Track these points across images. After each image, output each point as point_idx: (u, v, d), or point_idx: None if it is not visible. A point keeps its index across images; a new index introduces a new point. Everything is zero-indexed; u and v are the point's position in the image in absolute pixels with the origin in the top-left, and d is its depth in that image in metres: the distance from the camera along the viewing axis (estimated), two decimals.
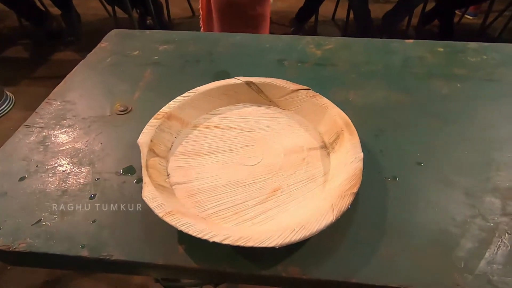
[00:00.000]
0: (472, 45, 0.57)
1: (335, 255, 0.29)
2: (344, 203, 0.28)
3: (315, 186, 0.33)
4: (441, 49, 0.56)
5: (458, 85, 0.48)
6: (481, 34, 1.88)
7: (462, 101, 0.46)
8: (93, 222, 0.31)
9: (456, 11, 1.99)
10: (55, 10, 1.99)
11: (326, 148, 0.38)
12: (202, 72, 0.51)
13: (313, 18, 1.98)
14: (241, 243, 0.25)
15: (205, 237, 0.25)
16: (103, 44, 0.58)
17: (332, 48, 0.57)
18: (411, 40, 0.58)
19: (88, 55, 0.55)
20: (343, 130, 0.36)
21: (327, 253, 0.29)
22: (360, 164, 0.32)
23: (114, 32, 0.62)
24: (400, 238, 0.30)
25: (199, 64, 0.53)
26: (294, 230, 0.26)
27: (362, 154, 0.33)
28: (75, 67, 0.52)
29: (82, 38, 1.95)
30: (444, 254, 0.29)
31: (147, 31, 0.62)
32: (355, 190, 0.30)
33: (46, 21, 1.95)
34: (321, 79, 0.50)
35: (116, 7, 1.91)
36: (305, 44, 0.58)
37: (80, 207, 0.32)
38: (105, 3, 2.01)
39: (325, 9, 2.18)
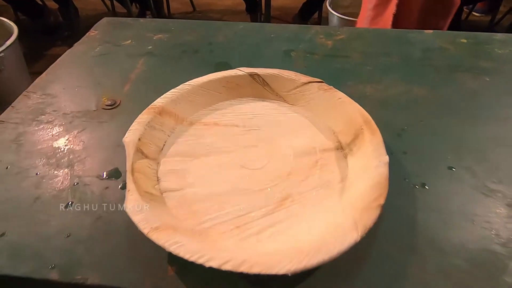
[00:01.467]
0: (499, 36, 0.52)
1: (357, 278, 0.24)
2: (370, 218, 0.23)
3: (331, 194, 0.28)
4: (464, 40, 0.51)
5: (487, 79, 0.43)
6: (489, 32, 1.82)
7: (493, 96, 0.40)
8: (68, 236, 0.26)
9: (464, 8, 1.93)
10: (52, 4, 1.94)
11: (342, 149, 0.32)
12: (200, 63, 0.46)
13: (316, 15, 1.92)
14: (244, 269, 0.20)
15: (199, 261, 0.20)
16: (92, 32, 0.53)
17: (344, 39, 0.52)
18: (430, 31, 0.53)
19: (75, 44, 0.50)
20: (363, 128, 0.31)
21: (347, 275, 0.24)
22: (385, 170, 0.27)
23: (105, 20, 0.57)
24: (434, 257, 0.25)
25: (197, 55, 0.48)
26: (310, 253, 0.21)
27: (387, 158, 0.28)
28: (60, 57, 0.47)
29: (80, 33, 1.89)
30: (489, 278, 0.24)
31: (141, 19, 0.57)
32: (381, 201, 0.25)
33: (43, 15, 1.90)
34: (333, 72, 0.45)
35: (114, 2, 1.86)
36: (314, 34, 0.53)
37: (53, 217, 0.27)
38: None
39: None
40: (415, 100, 0.40)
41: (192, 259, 0.21)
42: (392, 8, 0.65)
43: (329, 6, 1.47)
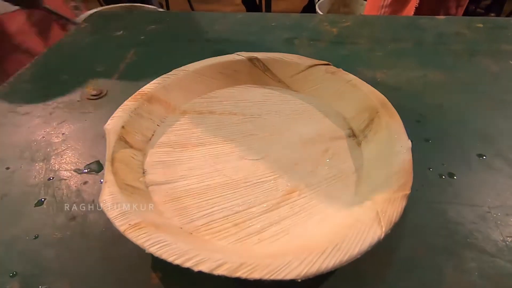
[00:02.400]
0: None
1: (382, 285, 0.20)
2: (395, 210, 0.19)
3: (346, 186, 0.24)
4: (481, 25, 0.47)
5: (511, 62, 0.39)
6: None
7: None
8: (35, 238, 0.22)
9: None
10: None
11: (355, 136, 0.28)
12: (195, 52, 0.43)
13: None
14: (242, 273, 0.16)
15: (186, 265, 0.16)
16: (82, 24, 0.50)
17: (350, 25, 0.48)
18: (443, 16, 0.50)
19: (64, 35, 0.47)
20: (378, 112, 0.27)
21: (370, 282, 0.20)
22: (408, 155, 0.23)
23: (96, 12, 0.54)
24: (473, 259, 0.21)
25: (193, 44, 0.45)
26: (325, 251, 0.17)
27: (410, 142, 0.24)
28: (46, 49, 0.44)
29: None
30: None
31: (135, 11, 0.54)
32: (407, 191, 0.20)
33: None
34: (340, 58, 0.41)
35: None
36: (318, 22, 0.49)
37: (21, 216, 0.23)
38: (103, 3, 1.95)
39: None
40: (432, 85, 0.36)
41: (177, 262, 0.16)
42: (413, 4, 0.61)
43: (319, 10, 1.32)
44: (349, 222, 0.20)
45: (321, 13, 1.23)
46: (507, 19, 0.49)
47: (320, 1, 1.24)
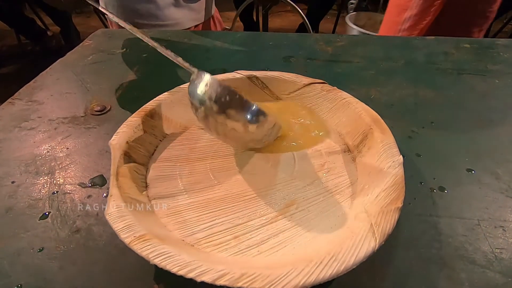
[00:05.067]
0: (502, 41, 0.51)
1: None
2: (388, 222, 0.20)
3: (341, 200, 0.25)
4: (468, 45, 0.50)
5: (497, 81, 0.41)
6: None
7: (505, 98, 0.38)
8: (40, 250, 0.23)
9: None
10: (55, 29, 1.98)
11: (350, 151, 0.30)
12: None
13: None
14: (243, 283, 0.17)
15: (189, 275, 0.17)
16: (86, 42, 0.52)
17: (345, 45, 0.50)
18: (432, 37, 0.52)
19: (68, 53, 0.48)
20: (372, 128, 0.28)
21: None
22: (400, 170, 0.24)
23: (100, 31, 0.56)
24: (465, 270, 0.22)
25: (194, 62, 0.46)
26: (322, 262, 0.18)
27: (401, 157, 0.25)
28: (50, 66, 0.45)
29: None
30: None
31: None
32: (399, 204, 0.22)
33: (45, 38, 1.93)
34: (335, 76, 0.43)
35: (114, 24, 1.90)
36: (314, 42, 0.51)
37: (26, 230, 0.24)
38: (105, 21, 2.00)
39: (325, 27, 2.18)
40: (423, 102, 0.38)
41: (180, 272, 0.17)
42: (429, 21, 0.63)
43: (349, 21, 1.51)
44: (344, 234, 0.21)
45: (351, 24, 1.41)
46: (492, 39, 0.51)
47: (349, 15, 1.54)
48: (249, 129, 0.25)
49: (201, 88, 0.26)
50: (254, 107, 0.25)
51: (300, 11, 0.83)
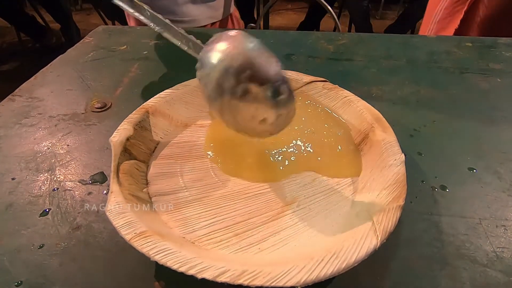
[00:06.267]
0: (504, 40, 0.50)
1: None
2: (390, 221, 0.20)
3: (342, 198, 0.25)
4: (470, 44, 0.50)
5: (499, 80, 0.41)
6: None
7: (507, 97, 0.38)
8: (40, 247, 0.23)
9: None
10: (55, 26, 1.97)
11: None
12: None
13: None
14: (244, 280, 0.17)
15: (190, 272, 0.17)
16: (87, 39, 0.52)
17: (346, 43, 0.50)
18: (434, 35, 0.52)
19: (68, 50, 0.48)
20: (373, 126, 0.28)
21: None
22: (402, 168, 0.24)
23: (101, 27, 0.55)
24: (467, 269, 0.22)
25: (195, 59, 0.46)
26: (323, 259, 0.18)
27: (403, 156, 0.25)
28: (51, 62, 0.45)
29: None
30: None
31: (138, 27, 0.55)
32: (401, 202, 0.21)
33: (46, 36, 1.93)
34: (336, 74, 0.43)
35: (116, 22, 1.89)
36: (315, 40, 0.51)
37: (26, 226, 0.24)
38: (105, 17, 1.99)
39: (326, 25, 2.18)
40: (424, 100, 0.38)
41: (181, 269, 0.17)
42: (456, 23, 0.61)
43: None
44: (346, 232, 0.21)
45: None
46: (494, 38, 0.51)
47: None
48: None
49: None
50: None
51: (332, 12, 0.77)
